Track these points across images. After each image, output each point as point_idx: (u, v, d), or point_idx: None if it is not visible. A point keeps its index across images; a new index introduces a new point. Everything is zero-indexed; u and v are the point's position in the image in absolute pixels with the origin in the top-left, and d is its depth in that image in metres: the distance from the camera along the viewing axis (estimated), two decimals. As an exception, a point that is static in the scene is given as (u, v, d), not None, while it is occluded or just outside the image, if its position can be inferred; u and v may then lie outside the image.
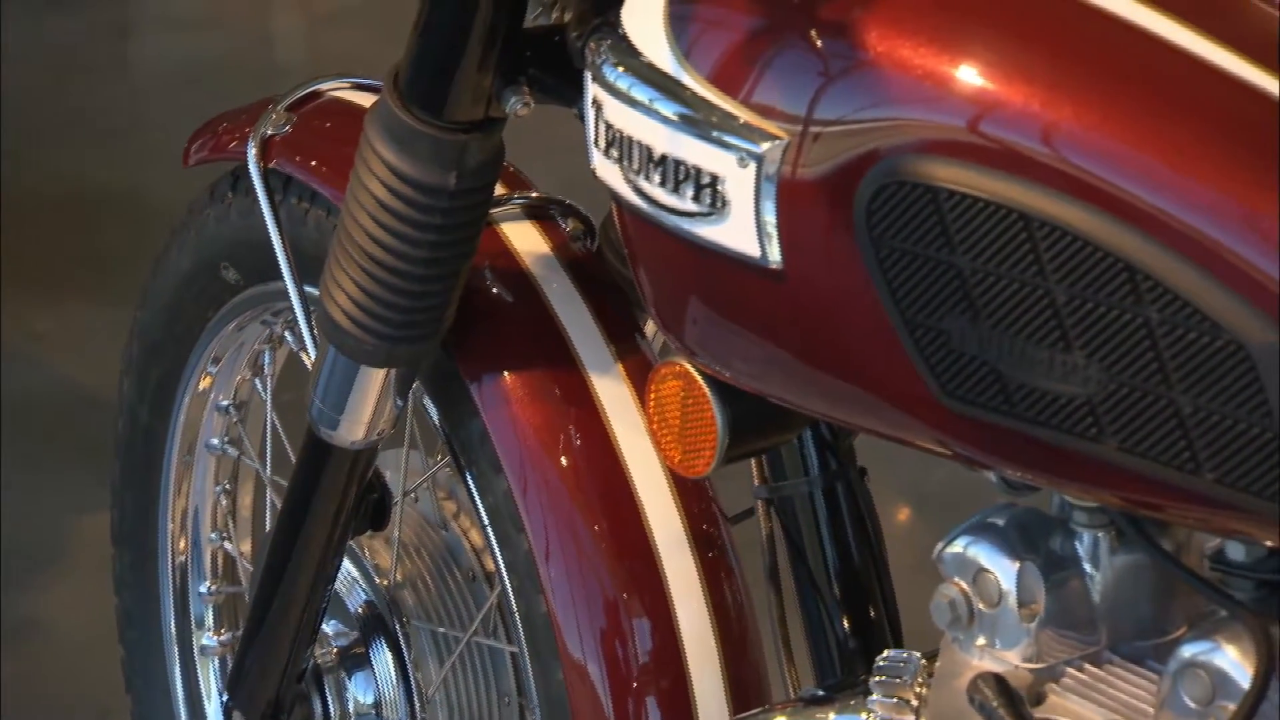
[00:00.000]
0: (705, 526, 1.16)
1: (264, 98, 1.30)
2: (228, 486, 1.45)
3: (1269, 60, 0.83)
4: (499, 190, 1.20)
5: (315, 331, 1.22)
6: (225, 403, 1.41)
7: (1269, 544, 0.89)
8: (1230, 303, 0.80)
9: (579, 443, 1.16)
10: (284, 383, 1.39)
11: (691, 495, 1.16)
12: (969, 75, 0.87)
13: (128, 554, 1.48)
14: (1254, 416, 0.81)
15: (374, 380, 1.17)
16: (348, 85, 1.30)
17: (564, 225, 1.23)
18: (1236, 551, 0.92)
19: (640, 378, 1.14)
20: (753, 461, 1.15)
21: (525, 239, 1.21)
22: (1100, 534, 0.94)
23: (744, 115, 0.92)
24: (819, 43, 0.91)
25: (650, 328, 1.19)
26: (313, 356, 1.22)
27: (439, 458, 1.27)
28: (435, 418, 1.22)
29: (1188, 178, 0.82)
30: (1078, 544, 0.95)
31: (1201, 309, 0.81)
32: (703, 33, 0.95)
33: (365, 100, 1.27)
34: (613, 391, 1.17)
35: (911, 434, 0.93)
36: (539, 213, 1.23)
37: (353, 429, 1.19)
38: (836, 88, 0.90)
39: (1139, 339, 0.83)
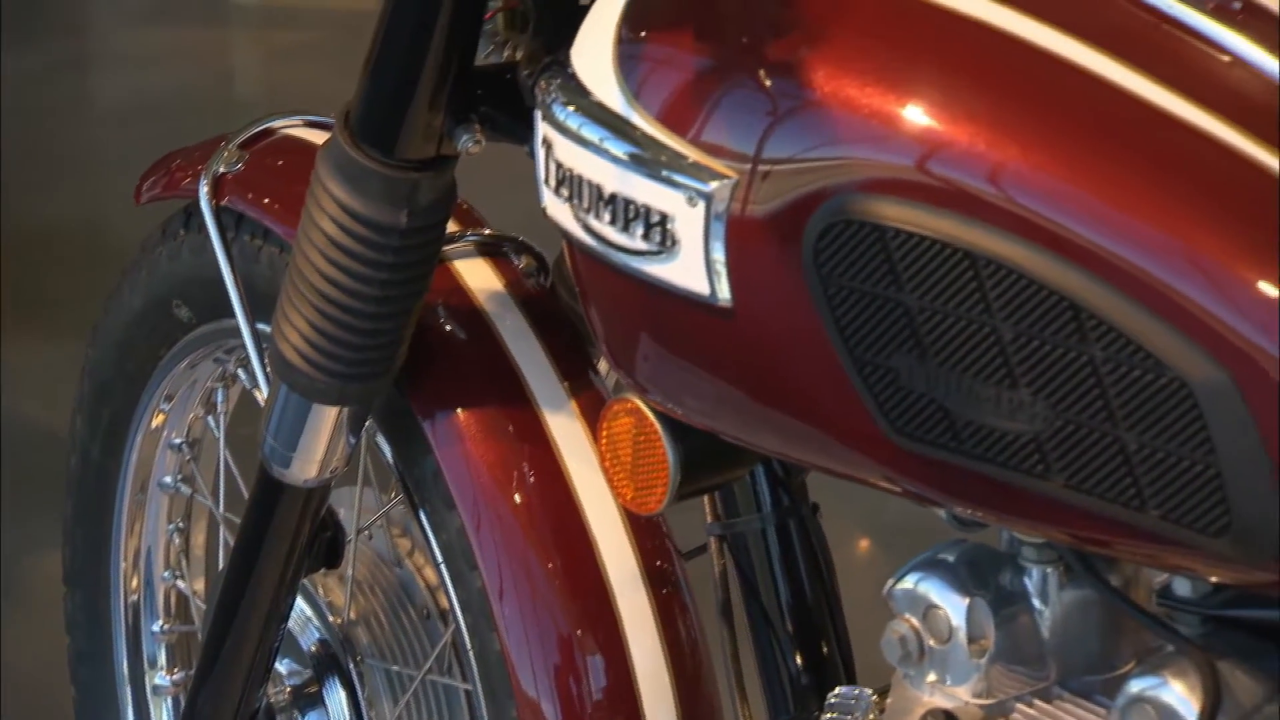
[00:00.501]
0: (659, 563, 1.16)
1: (216, 136, 1.30)
2: (181, 525, 1.44)
3: (1212, 100, 0.84)
4: (452, 227, 1.20)
5: (268, 369, 1.21)
6: (178, 440, 1.41)
7: (1213, 580, 0.89)
8: (1173, 340, 0.81)
9: (532, 480, 1.16)
10: (239, 418, 1.39)
11: (645, 532, 1.16)
12: (916, 115, 0.87)
13: (80, 593, 1.48)
14: (1197, 453, 0.81)
15: (326, 418, 1.17)
16: (300, 123, 1.30)
17: (517, 262, 1.23)
18: (1183, 587, 0.92)
19: (594, 414, 1.14)
20: (706, 498, 1.16)
21: (478, 276, 1.21)
22: (1049, 570, 0.95)
23: (693, 154, 0.93)
24: (767, 82, 0.92)
25: (604, 364, 1.20)
26: (266, 394, 1.22)
27: (393, 495, 1.27)
28: (389, 455, 1.22)
29: (1130, 216, 0.83)
30: (1027, 580, 0.95)
31: (1145, 346, 0.82)
32: (651, 72, 0.96)
33: (318, 138, 1.27)
34: (566, 428, 1.17)
35: (861, 471, 0.93)
36: (492, 250, 1.23)
37: (305, 467, 1.19)
38: (784, 127, 0.91)
39: (1084, 376, 0.84)
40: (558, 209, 1.00)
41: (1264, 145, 0.82)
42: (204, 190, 1.26)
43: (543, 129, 1.01)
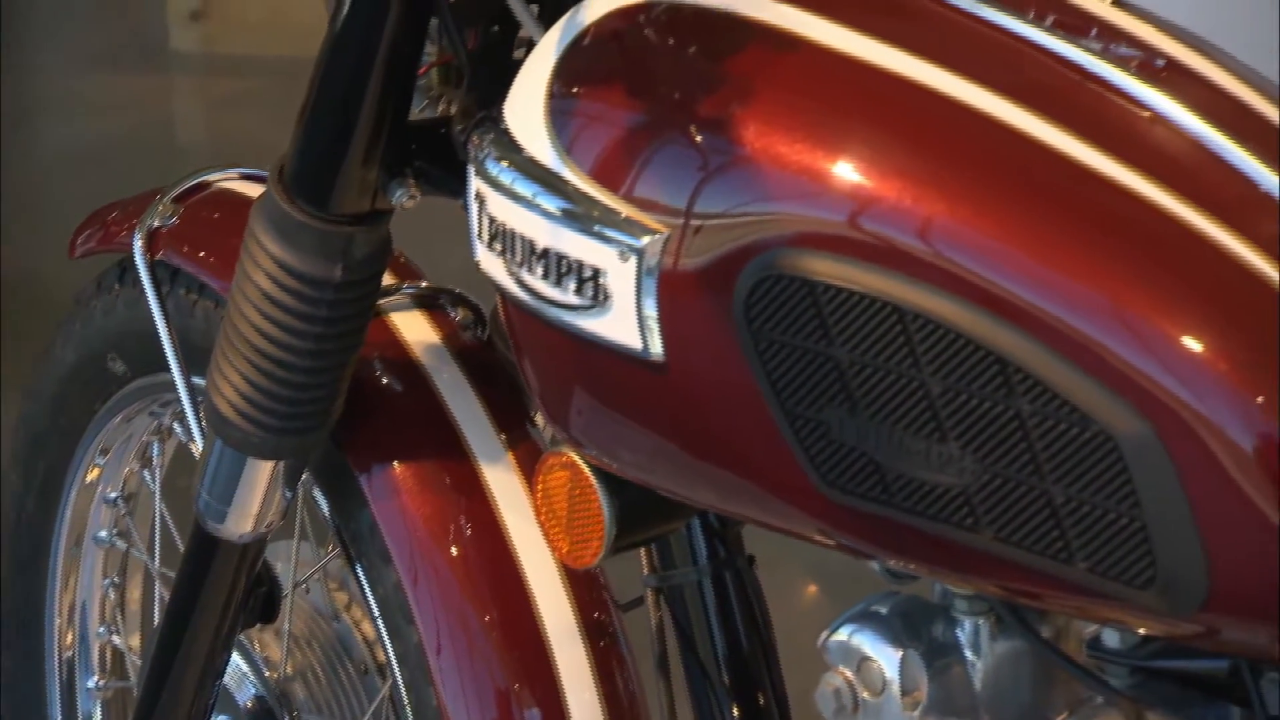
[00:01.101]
0: (597, 615, 1.16)
1: (151, 189, 1.30)
2: (116, 580, 1.43)
3: (1135, 158, 0.85)
4: (388, 280, 1.20)
5: (203, 423, 1.21)
6: (113, 495, 1.40)
7: (1141, 631, 0.90)
8: (1097, 394, 0.82)
9: (469, 533, 1.16)
10: (175, 471, 1.38)
11: (583, 584, 1.16)
12: (845, 171, 0.88)
13: (14, 648, 1.46)
14: (1123, 506, 0.82)
15: (262, 472, 1.17)
16: (236, 176, 1.30)
17: (454, 314, 1.23)
18: (1112, 638, 0.93)
19: (531, 466, 1.14)
20: (642, 550, 1.16)
21: (414, 329, 1.21)
22: (981, 621, 0.95)
23: (625, 209, 0.93)
24: (698, 138, 0.92)
25: (540, 416, 1.20)
26: (201, 448, 1.21)
27: (330, 549, 1.27)
28: (325, 509, 1.22)
29: (1055, 272, 0.83)
30: (959, 631, 0.96)
31: (1070, 400, 0.82)
32: (583, 128, 0.96)
33: (253, 191, 1.27)
34: (503, 480, 1.17)
35: (794, 524, 0.94)
36: (428, 302, 1.23)
37: (240, 522, 1.19)
38: (715, 183, 0.92)
39: (1011, 430, 0.84)
40: (491, 263, 1.01)
41: (1184, 202, 0.84)
42: (138, 244, 1.26)
43: (475, 184, 1.01)
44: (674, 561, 1.15)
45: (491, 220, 0.99)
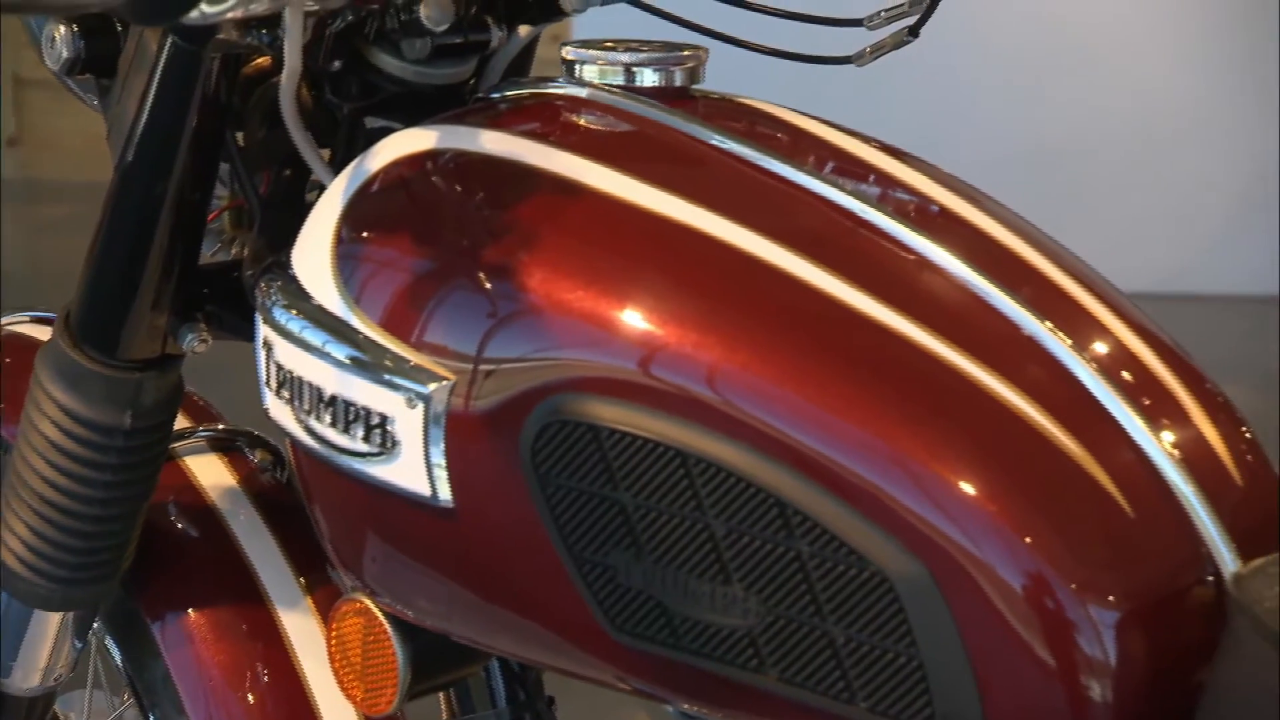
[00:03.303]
0: (398, 760, 1.14)
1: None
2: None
3: (903, 302, 0.88)
4: (184, 423, 1.18)
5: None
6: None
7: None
8: (873, 535, 0.83)
9: (266, 680, 1.14)
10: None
11: (383, 728, 1.15)
12: (627, 317, 0.89)
13: None
14: (900, 646, 0.83)
15: (49, 624, 1.14)
16: (27, 319, 1.28)
17: (251, 457, 1.22)
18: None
19: (330, 610, 1.13)
20: (441, 694, 1.15)
21: (210, 472, 1.20)
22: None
23: (413, 357, 0.93)
24: (485, 285, 0.93)
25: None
26: (-11, 599, 1.18)
27: (125, 698, 1.24)
28: (118, 658, 1.19)
29: (829, 415, 0.85)
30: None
31: (847, 542, 0.84)
32: (371, 275, 0.96)
33: (43, 334, 1.25)
34: (301, 626, 1.16)
35: (587, 669, 0.94)
36: (225, 445, 1.22)
37: (27, 675, 1.16)
38: (501, 329, 0.92)
39: (792, 572, 0.85)
40: (280, 411, 1.00)
41: (952, 346, 0.86)
42: (-76, 390, 1.23)
43: (264, 331, 1.00)
44: (473, 705, 1.14)
45: (279, 367, 0.99)
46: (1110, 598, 0.81)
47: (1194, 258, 4.08)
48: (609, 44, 1.01)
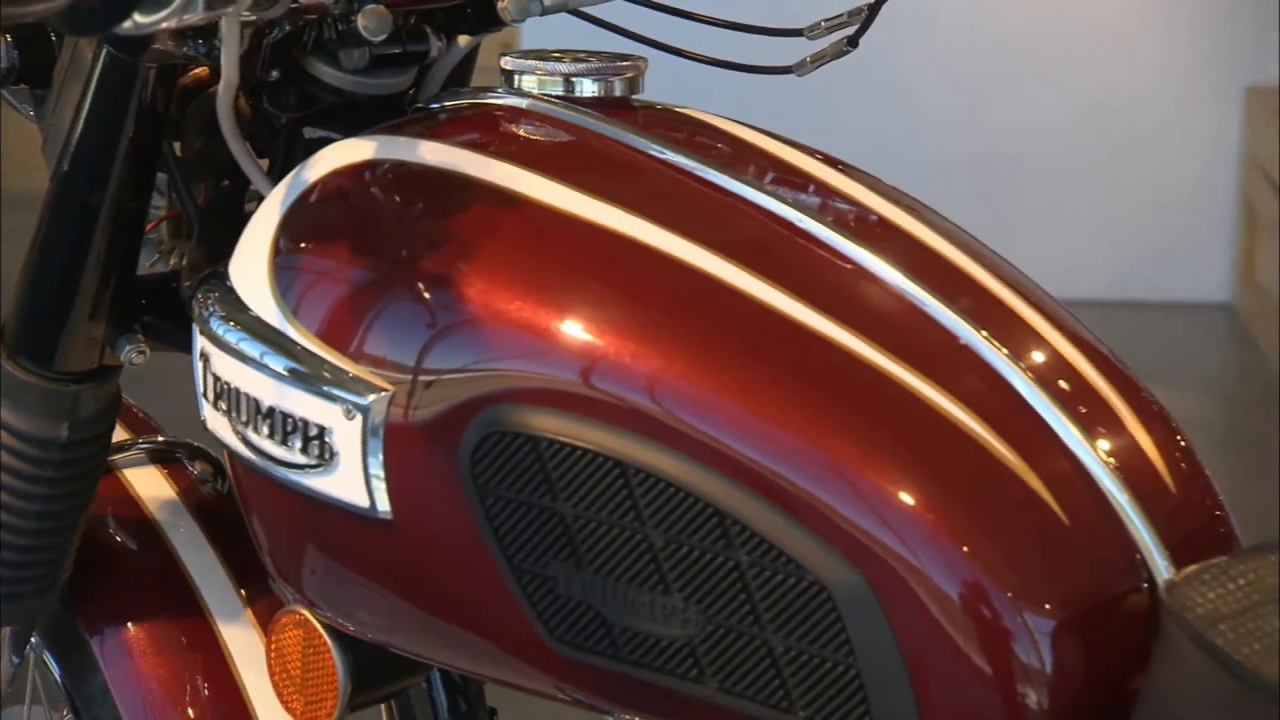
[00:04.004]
0: (340, 772, 1.14)
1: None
2: None
3: (842, 312, 0.88)
4: (122, 435, 1.17)
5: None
6: None
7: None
8: (810, 544, 0.83)
9: (206, 693, 1.13)
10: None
11: (325, 741, 1.14)
12: (567, 327, 0.89)
13: None
14: (838, 655, 0.83)
15: (-15, 639, 1.13)
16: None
17: (191, 468, 1.21)
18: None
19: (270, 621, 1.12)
20: (383, 706, 1.14)
21: (149, 484, 1.19)
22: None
23: (350, 368, 0.93)
24: (423, 296, 0.93)
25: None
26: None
27: (64, 713, 1.23)
28: (56, 673, 1.18)
29: (767, 425, 0.85)
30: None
31: (785, 551, 0.84)
32: (309, 286, 0.96)
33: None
34: (241, 638, 1.15)
35: (527, 680, 0.93)
36: (164, 457, 1.21)
37: (-36, 691, 1.15)
38: (439, 340, 0.92)
39: (731, 581, 0.85)
40: (217, 422, 0.99)
41: (889, 355, 0.86)
42: None
43: (201, 342, 1.00)
44: (415, 716, 1.14)
45: (217, 379, 0.98)
46: (1046, 605, 0.81)
47: (1143, 264, 4.11)
48: (550, 54, 1.01)
